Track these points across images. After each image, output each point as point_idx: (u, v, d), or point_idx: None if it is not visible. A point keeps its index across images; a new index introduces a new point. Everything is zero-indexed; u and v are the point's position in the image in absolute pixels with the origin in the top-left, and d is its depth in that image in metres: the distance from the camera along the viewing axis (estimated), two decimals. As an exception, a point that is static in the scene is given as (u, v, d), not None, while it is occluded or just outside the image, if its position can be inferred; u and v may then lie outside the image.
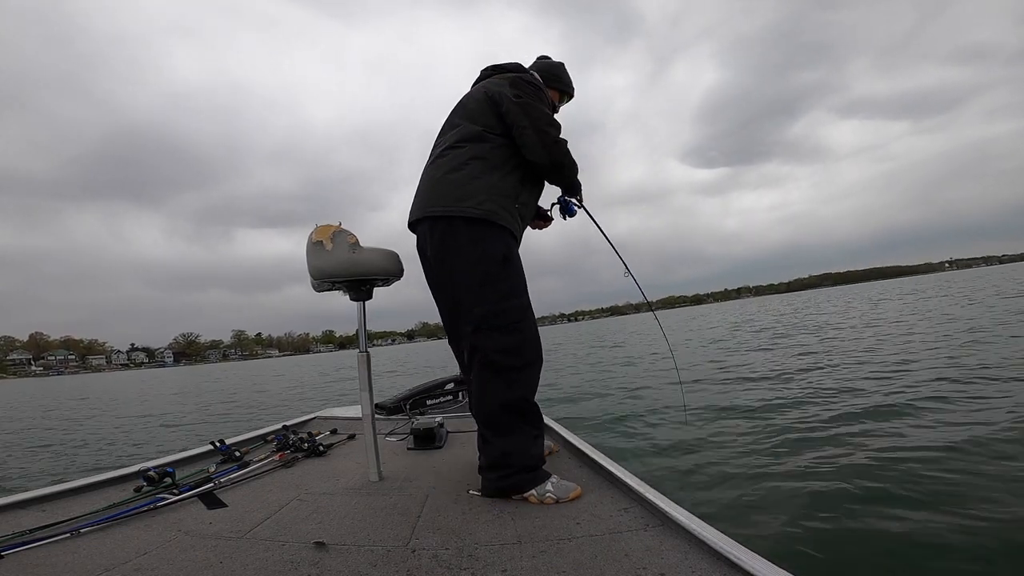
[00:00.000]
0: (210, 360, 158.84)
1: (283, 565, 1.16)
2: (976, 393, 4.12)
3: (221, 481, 1.80)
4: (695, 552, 1.12)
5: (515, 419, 1.54)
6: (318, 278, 1.72)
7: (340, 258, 1.68)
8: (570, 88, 1.94)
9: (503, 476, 1.52)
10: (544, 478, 1.51)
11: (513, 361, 1.54)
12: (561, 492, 1.48)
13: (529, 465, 1.52)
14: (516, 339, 1.55)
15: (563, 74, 1.92)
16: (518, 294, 1.58)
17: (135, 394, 17.22)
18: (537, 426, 1.58)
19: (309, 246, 1.70)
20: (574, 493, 1.48)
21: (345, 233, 1.69)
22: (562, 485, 1.50)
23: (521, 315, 1.57)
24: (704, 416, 4.50)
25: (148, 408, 11.38)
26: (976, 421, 3.35)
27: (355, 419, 2.73)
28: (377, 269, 1.75)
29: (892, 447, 3.03)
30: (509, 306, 1.55)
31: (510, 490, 1.51)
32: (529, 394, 1.57)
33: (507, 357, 1.54)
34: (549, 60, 1.95)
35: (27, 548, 1.28)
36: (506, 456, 1.52)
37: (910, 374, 5.28)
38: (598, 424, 4.71)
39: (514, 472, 1.51)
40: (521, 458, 1.51)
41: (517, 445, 1.52)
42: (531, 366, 1.58)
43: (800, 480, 2.69)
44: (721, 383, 6.20)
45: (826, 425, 3.73)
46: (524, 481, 1.50)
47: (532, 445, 1.55)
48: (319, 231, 1.69)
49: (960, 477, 2.48)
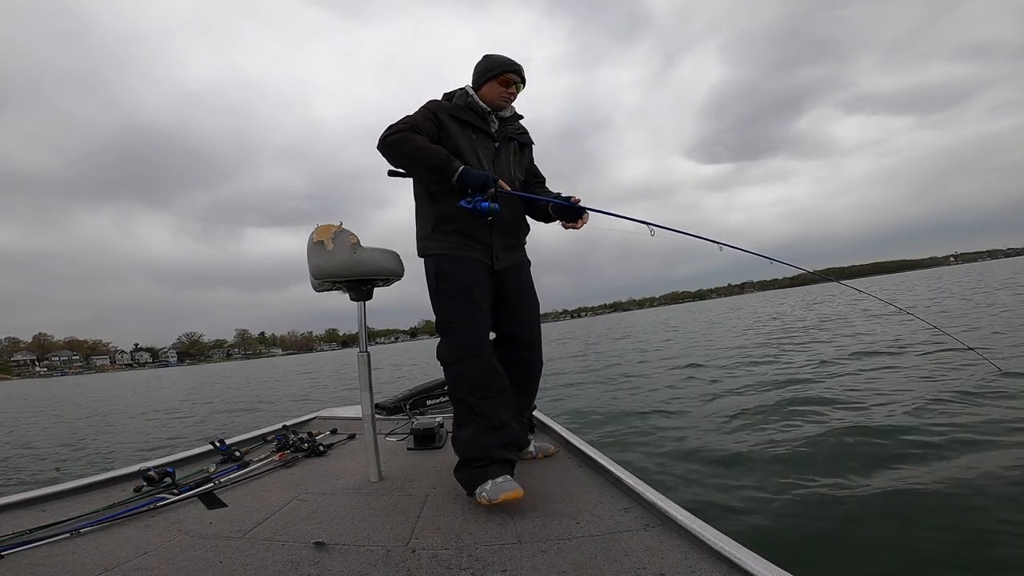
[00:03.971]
0: (213, 360, 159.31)
1: (283, 565, 1.16)
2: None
3: (221, 481, 1.80)
4: (695, 552, 1.12)
5: (465, 411, 1.67)
6: (319, 278, 1.72)
7: (341, 258, 1.68)
8: (500, 68, 1.83)
9: (457, 469, 1.64)
10: (484, 478, 1.52)
11: (449, 357, 1.71)
12: (493, 494, 1.45)
13: (472, 459, 1.58)
14: (449, 338, 1.71)
15: (484, 63, 1.86)
16: (449, 300, 1.72)
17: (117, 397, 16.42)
18: (486, 418, 1.61)
19: (310, 246, 1.70)
20: (505, 496, 1.43)
21: (346, 233, 1.69)
22: (498, 486, 1.47)
23: (455, 315, 1.70)
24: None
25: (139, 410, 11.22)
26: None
27: (355, 419, 2.73)
28: (377, 269, 1.76)
29: (913, 451, 2.95)
30: (447, 311, 1.73)
31: (463, 485, 1.61)
32: (468, 387, 1.66)
33: (445, 354, 1.72)
34: (477, 62, 1.91)
35: (27, 548, 1.28)
36: (458, 447, 1.64)
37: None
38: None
39: (459, 468, 1.62)
40: (464, 450, 1.62)
41: (462, 437, 1.64)
42: (465, 359, 1.67)
43: (804, 481, 2.68)
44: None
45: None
46: (466, 480, 1.59)
47: (478, 437, 1.60)
48: (320, 231, 1.69)
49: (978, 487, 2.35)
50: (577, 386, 7.28)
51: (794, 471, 2.82)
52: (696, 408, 4.87)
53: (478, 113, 1.83)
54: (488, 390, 1.64)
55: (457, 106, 1.82)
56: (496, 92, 1.83)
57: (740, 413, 4.35)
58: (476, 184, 1.64)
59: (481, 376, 1.65)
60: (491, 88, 1.83)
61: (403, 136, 1.67)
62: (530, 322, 1.91)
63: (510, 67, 1.83)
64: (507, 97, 1.86)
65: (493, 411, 1.62)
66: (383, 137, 1.68)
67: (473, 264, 1.75)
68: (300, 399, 10.48)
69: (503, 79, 1.83)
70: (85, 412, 11.71)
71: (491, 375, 1.67)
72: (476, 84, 1.86)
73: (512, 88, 1.85)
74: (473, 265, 1.75)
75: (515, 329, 1.87)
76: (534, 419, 2.38)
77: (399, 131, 1.68)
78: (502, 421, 1.62)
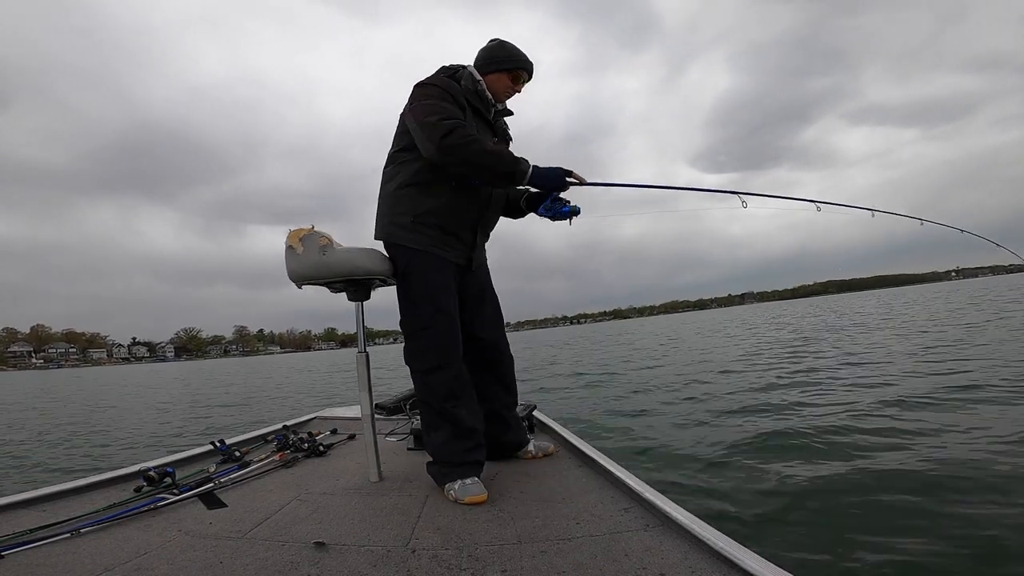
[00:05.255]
0: (211, 356, 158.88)
1: (283, 565, 1.16)
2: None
3: (221, 481, 1.80)
4: (695, 552, 1.12)
5: (435, 416, 1.67)
6: (293, 281, 1.71)
7: (310, 261, 1.65)
8: (513, 62, 1.74)
9: (430, 464, 1.68)
10: (455, 477, 1.57)
11: (418, 365, 1.68)
12: (461, 494, 1.52)
13: (443, 460, 1.62)
14: (419, 344, 1.68)
15: (498, 51, 1.74)
16: (419, 303, 1.67)
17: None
18: (457, 425, 1.64)
19: (285, 250, 1.69)
20: (471, 498, 1.50)
21: (316, 235, 1.66)
22: (466, 488, 1.53)
23: (426, 322, 1.66)
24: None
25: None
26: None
27: (355, 419, 2.73)
28: (352, 269, 1.69)
29: (911, 451, 2.97)
30: (411, 315, 1.69)
31: (434, 479, 1.65)
32: (438, 397, 1.65)
33: (414, 361, 1.69)
34: (488, 44, 1.79)
35: (27, 548, 1.28)
36: (430, 448, 1.68)
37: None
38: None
39: (433, 463, 1.67)
40: (437, 453, 1.65)
41: (434, 440, 1.66)
42: (438, 370, 1.65)
43: (805, 481, 2.69)
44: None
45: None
46: (437, 475, 1.63)
47: (450, 442, 1.63)
48: (291, 235, 1.67)
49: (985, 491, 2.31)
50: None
51: (794, 471, 2.83)
52: (697, 408, 4.89)
53: (484, 101, 1.75)
54: (458, 398, 1.66)
55: (468, 90, 1.70)
56: (503, 84, 1.75)
57: (743, 411, 4.37)
58: (552, 183, 1.54)
59: (451, 385, 1.65)
60: (499, 79, 1.74)
61: (468, 138, 1.51)
62: (497, 321, 1.93)
63: (524, 63, 1.75)
64: (512, 93, 1.79)
65: (462, 418, 1.64)
66: (441, 138, 1.49)
67: (447, 265, 1.70)
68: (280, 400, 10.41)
69: (514, 74, 1.75)
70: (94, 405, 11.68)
71: (460, 382, 1.68)
72: (483, 70, 1.74)
73: (519, 85, 1.78)
74: (447, 266, 1.69)
75: (484, 330, 1.86)
76: (534, 419, 2.38)
77: (456, 129, 1.50)
78: (471, 427, 1.66)
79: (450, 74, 1.71)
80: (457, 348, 1.69)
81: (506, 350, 1.93)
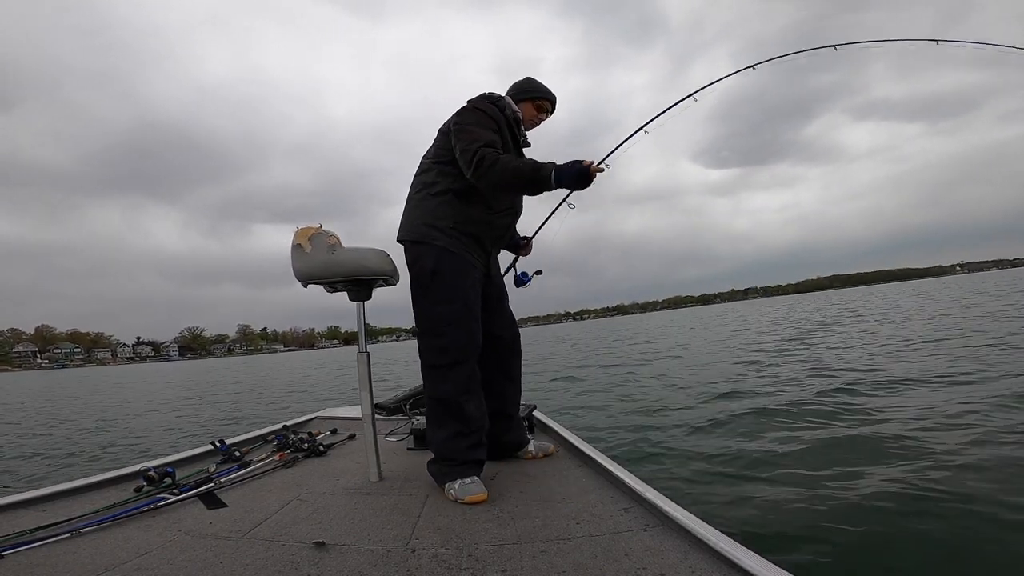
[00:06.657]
0: (215, 355, 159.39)
1: (283, 565, 1.16)
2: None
3: (221, 481, 1.80)
4: (695, 552, 1.12)
5: (442, 412, 1.70)
6: (300, 280, 1.72)
7: (319, 260, 1.67)
8: (539, 93, 1.94)
9: (431, 462, 1.72)
10: (455, 476, 1.60)
11: (438, 360, 1.71)
12: (460, 494, 1.54)
13: (446, 458, 1.65)
14: (442, 341, 1.71)
15: (527, 84, 1.95)
16: (447, 301, 1.71)
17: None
18: (465, 423, 1.67)
19: (291, 249, 1.69)
20: (471, 497, 1.52)
21: (325, 235, 1.67)
22: (466, 487, 1.55)
23: (450, 319, 1.70)
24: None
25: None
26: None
27: (355, 419, 2.73)
28: (359, 269, 1.71)
29: (912, 451, 2.95)
30: (438, 312, 1.72)
31: (434, 478, 1.69)
32: (455, 392, 1.68)
33: (434, 356, 1.72)
34: (519, 80, 1.99)
35: (27, 548, 1.28)
36: (434, 445, 1.71)
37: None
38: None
39: (434, 462, 1.70)
40: (440, 450, 1.68)
41: (438, 436, 1.70)
42: (457, 365, 1.70)
43: (806, 483, 2.68)
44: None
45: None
46: (438, 473, 1.66)
47: (454, 440, 1.66)
48: (299, 234, 1.68)
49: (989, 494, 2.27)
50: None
51: (794, 471, 2.82)
52: (697, 408, 4.88)
53: (519, 127, 1.92)
54: (470, 393, 1.70)
55: (510, 118, 1.87)
56: (529, 114, 1.93)
57: (752, 412, 4.35)
58: (575, 180, 1.59)
59: (467, 381, 1.70)
60: (526, 108, 1.92)
61: (496, 162, 1.60)
62: (514, 321, 2.04)
63: (547, 94, 1.95)
64: (536, 121, 1.96)
65: (470, 413, 1.68)
66: (475, 165, 1.61)
67: (476, 270, 1.79)
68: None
69: (539, 104, 1.94)
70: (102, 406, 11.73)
71: (474, 380, 1.73)
72: (515, 99, 1.92)
73: (543, 115, 1.97)
74: (476, 271, 1.79)
75: (504, 329, 1.96)
76: (534, 419, 2.38)
77: (486, 157, 1.60)
78: (479, 424, 1.70)
79: (493, 100, 1.87)
80: (477, 347, 1.75)
81: (520, 348, 2.02)
